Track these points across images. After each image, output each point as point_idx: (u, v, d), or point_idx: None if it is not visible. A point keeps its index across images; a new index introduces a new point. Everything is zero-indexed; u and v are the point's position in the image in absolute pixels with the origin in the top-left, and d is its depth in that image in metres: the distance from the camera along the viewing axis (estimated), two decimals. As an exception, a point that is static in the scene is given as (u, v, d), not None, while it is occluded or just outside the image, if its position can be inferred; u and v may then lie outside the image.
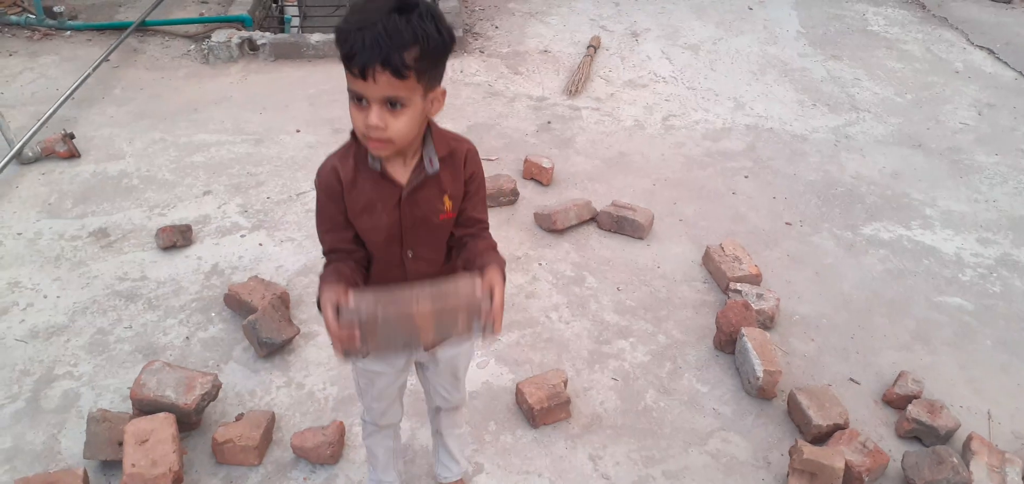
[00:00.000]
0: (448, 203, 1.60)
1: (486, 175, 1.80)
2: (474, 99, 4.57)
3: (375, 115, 1.40)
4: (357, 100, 1.42)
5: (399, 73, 1.35)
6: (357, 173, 1.55)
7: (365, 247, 1.62)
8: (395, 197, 1.56)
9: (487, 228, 1.70)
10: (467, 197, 1.64)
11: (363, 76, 1.35)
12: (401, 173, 1.56)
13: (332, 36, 4.93)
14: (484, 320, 1.45)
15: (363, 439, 2.08)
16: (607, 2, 6.19)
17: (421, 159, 1.56)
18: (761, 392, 2.56)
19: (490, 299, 1.46)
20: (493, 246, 1.65)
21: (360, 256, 1.62)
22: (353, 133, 1.53)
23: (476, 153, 1.64)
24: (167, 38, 5.17)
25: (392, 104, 1.40)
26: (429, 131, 1.55)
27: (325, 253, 1.64)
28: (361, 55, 1.34)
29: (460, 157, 1.60)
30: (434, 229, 1.63)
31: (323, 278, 1.55)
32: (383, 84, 1.36)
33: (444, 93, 1.51)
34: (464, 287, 1.47)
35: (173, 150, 3.88)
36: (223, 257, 3.15)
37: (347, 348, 1.43)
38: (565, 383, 2.51)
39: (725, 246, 3.19)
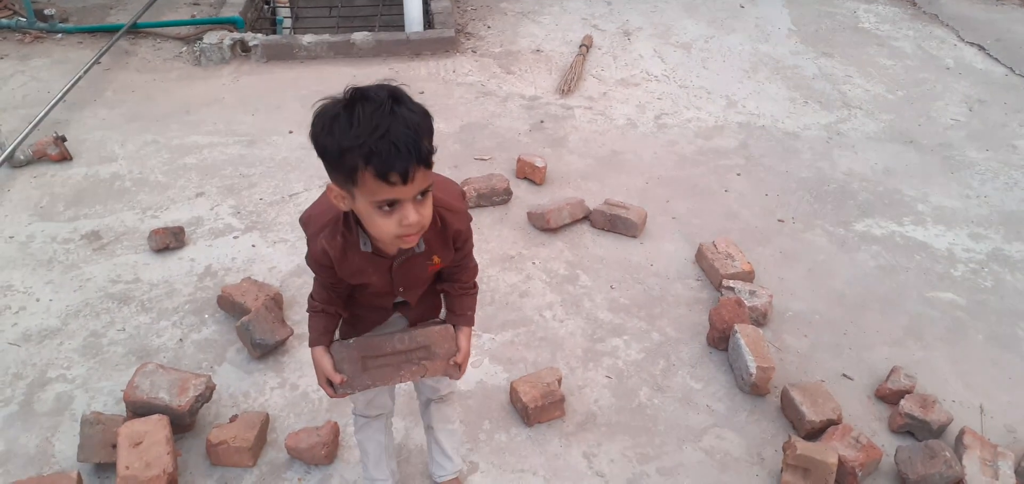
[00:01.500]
0: (437, 260, 1.66)
1: (478, 175, 1.85)
2: (467, 99, 4.58)
3: (413, 212, 1.39)
4: (385, 206, 1.38)
5: (429, 163, 1.37)
6: (346, 251, 1.57)
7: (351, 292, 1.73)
8: (386, 266, 1.61)
9: (471, 281, 1.79)
10: (456, 259, 1.71)
11: (404, 181, 1.33)
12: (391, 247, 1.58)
13: (325, 37, 4.98)
14: (452, 366, 1.79)
15: (355, 434, 2.08)
16: (599, 1, 6.20)
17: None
18: (754, 389, 2.57)
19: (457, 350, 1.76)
20: (471, 304, 1.80)
21: (342, 304, 1.75)
22: (345, 214, 1.53)
23: (468, 227, 1.68)
24: (159, 40, 5.15)
25: (421, 194, 1.41)
26: None
27: (312, 302, 1.75)
28: (400, 162, 1.31)
29: (449, 235, 1.63)
30: (423, 277, 1.71)
31: (312, 331, 1.74)
32: (419, 180, 1.37)
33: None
34: (439, 343, 1.77)
35: (165, 152, 3.87)
36: (216, 259, 3.15)
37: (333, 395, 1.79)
38: (559, 381, 2.51)
39: (718, 243, 3.20)
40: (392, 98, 1.33)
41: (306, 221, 1.64)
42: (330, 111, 1.35)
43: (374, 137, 1.29)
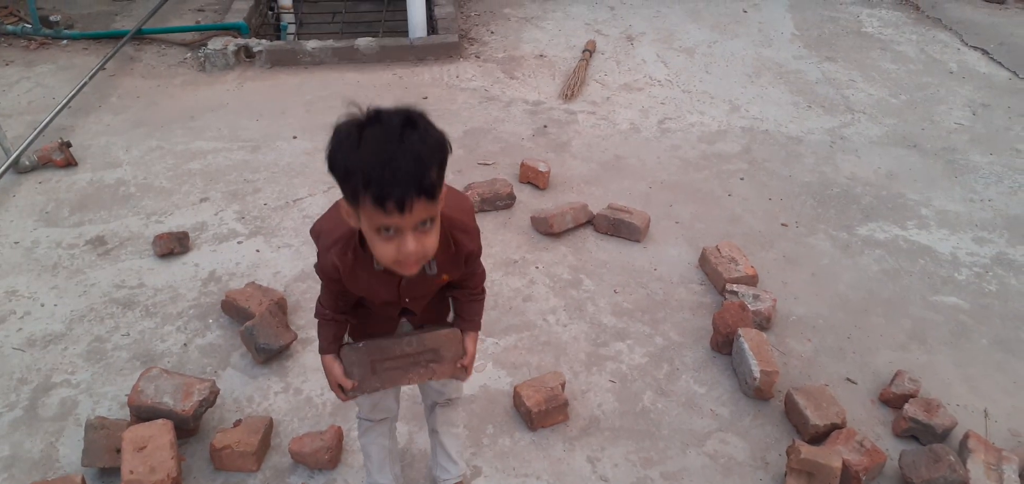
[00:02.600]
0: (446, 277, 1.67)
1: (481, 180, 1.86)
2: (470, 104, 4.59)
3: (412, 243, 1.36)
4: (384, 231, 1.37)
5: (433, 196, 1.34)
6: (356, 268, 1.57)
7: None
8: (395, 283, 1.61)
9: (479, 288, 1.80)
10: (464, 275, 1.72)
11: (401, 210, 1.30)
12: None
13: (329, 42, 4.99)
14: (459, 369, 1.81)
15: (359, 438, 2.08)
16: (602, 6, 6.21)
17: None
18: (758, 393, 2.57)
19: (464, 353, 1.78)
20: (479, 310, 1.82)
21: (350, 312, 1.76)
22: (358, 232, 1.51)
23: (479, 246, 1.67)
24: (163, 46, 5.18)
25: (422, 223, 1.38)
26: None
27: (321, 309, 1.75)
28: (395, 190, 1.28)
29: (462, 257, 1.63)
30: (431, 291, 1.73)
31: (322, 339, 1.76)
32: (419, 211, 1.33)
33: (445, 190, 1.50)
34: (446, 347, 1.79)
35: (170, 158, 3.89)
36: (220, 264, 3.16)
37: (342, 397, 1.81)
38: (563, 386, 2.51)
39: (721, 248, 3.20)
40: (405, 124, 1.31)
41: (317, 234, 1.64)
42: (345, 130, 1.34)
43: (376, 163, 1.28)
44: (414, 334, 1.79)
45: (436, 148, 1.34)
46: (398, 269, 1.44)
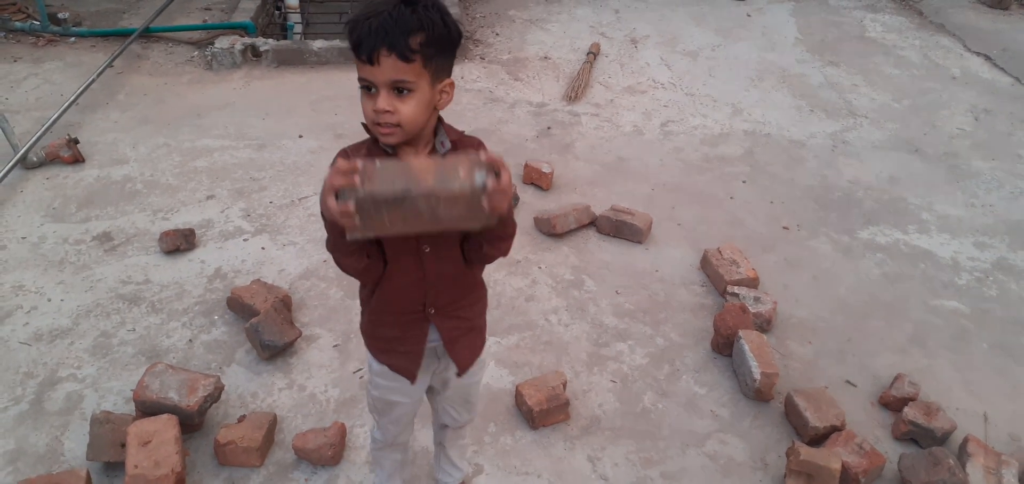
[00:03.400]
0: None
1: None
2: (475, 105, 4.61)
3: (383, 100, 1.42)
4: (366, 88, 1.44)
5: (404, 56, 1.38)
6: (368, 167, 1.54)
7: (380, 252, 1.58)
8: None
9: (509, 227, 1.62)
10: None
11: (370, 61, 1.39)
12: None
13: (336, 42, 5.02)
14: (488, 163, 1.36)
15: (371, 450, 2.09)
16: (607, 9, 6.23)
17: (433, 148, 1.55)
18: (758, 394, 2.59)
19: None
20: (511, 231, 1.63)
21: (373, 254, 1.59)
22: (368, 130, 1.53)
23: (510, 209, 1.57)
24: (171, 45, 5.21)
25: (400, 90, 1.42)
26: (440, 122, 1.56)
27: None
28: (367, 41, 1.38)
29: (472, 145, 1.59)
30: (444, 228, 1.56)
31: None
32: (388, 68, 1.39)
33: (453, 85, 1.52)
34: (464, 155, 1.40)
35: (177, 155, 3.91)
36: (226, 261, 3.18)
37: (343, 223, 1.35)
38: (564, 385, 2.53)
39: (723, 250, 3.21)
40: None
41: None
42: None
43: (361, 16, 1.40)
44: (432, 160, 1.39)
45: (427, 23, 1.40)
46: (377, 132, 1.46)
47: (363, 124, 1.52)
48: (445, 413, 1.98)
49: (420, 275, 1.61)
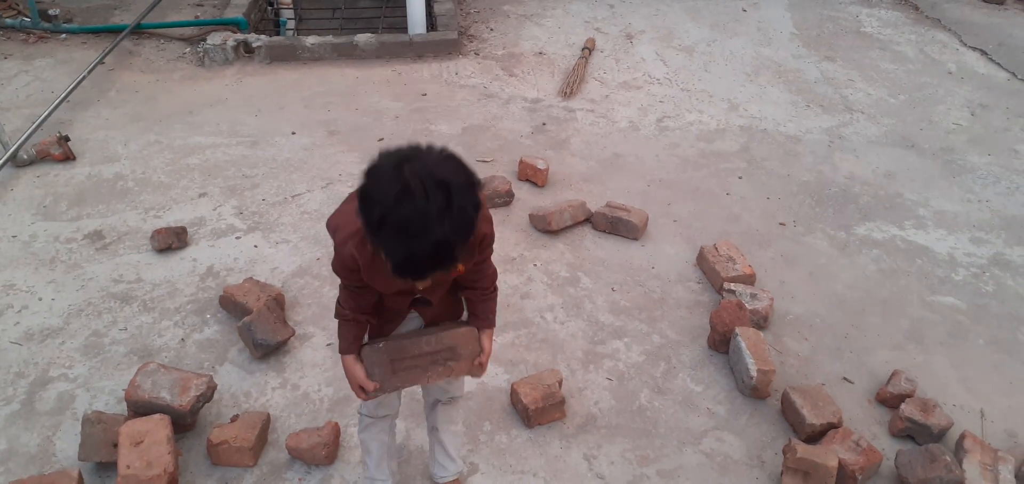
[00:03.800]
0: (461, 267, 1.63)
1: (481, 176, 1.84)
2: (469, 101, 4.58)
3: (422, 284, 1.56)
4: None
5: (452, 266, 1.42)
6: (375, 259, 1.57)
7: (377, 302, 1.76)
8: None
9: (491, 286, 1.82)
10: (477, 262, 1.72)
11: (416, 280, 1.47)
12: None
13: (329, 38, 4.99)
14: (476, 366, 1.85)
15: (358, 433, 2.08)
16: (602, 4, 6.21)
17: None
18: (755, 391, 2.58)
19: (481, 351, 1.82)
20: (492, 308, 1.85)
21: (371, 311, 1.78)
22: None
23: (492, 231, 1.68)
24: (162, 41, 5.17)
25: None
26: None
27: (341, 309, 1.76)
28: (412, 272, 1.40)
29: (476, 239, 1.61)
30: (446, 283, 1.76)
31: (343, 339, 1.78)
32: (436, 276, 1.48)
33: (483, 237, 1.65)
34: (463, 345, 1.83)
35: (168, 152, 3.88)
36: (218, 259, 3.15)
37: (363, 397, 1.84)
38: (560, 383, 2.52)
39: (719, 246, 3.20)
40: (444, 203, 1.32)
41: (334, 228, 1.63)
42: (382, 188, 1.35)
43: (399, 241, 1.34)
44: (432, 333, 1.81)
45: (464, 225, 1.37)
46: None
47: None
48: (434, 388, 2.02)
49: (407, 303, 1.80)
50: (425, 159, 1.37)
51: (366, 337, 1.82)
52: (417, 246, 1.33)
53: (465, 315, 1.89)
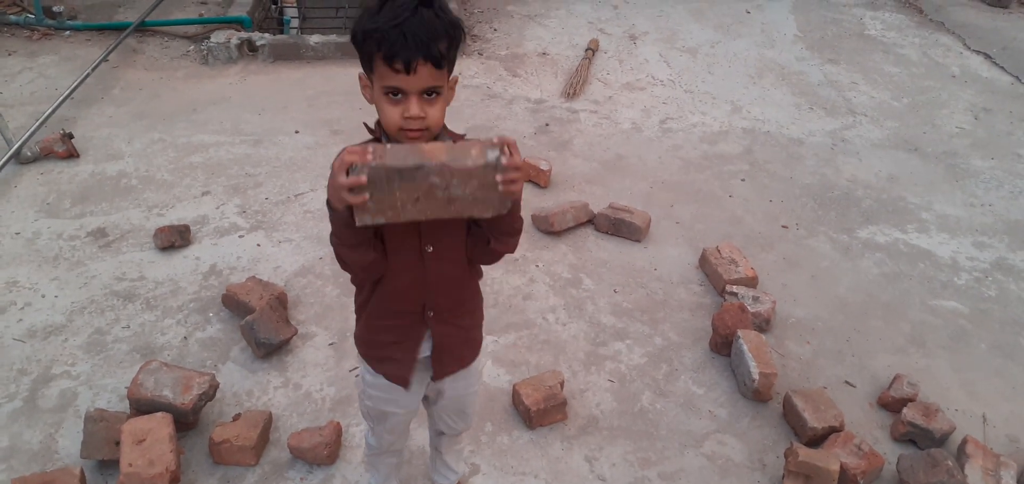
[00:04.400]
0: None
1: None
2: (472, 101, 4.58)
3: (416, 106, 1.42)
4: (391, 94, 1.44)
5: (438, 64, 1.41)
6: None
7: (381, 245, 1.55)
8: None
9: (516, 221, 1.60)
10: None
11: (407, 70, 1.39)
12: None
13: (333, 37, 4.99)
14: (499, 144, 1.36)
15: (365, 454, 2.08)
16: (605, 5, 6.20)
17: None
18: (757, 394, 2.57)
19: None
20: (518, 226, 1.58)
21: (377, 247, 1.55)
22: (372, 131, 1.55)
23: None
24: (166, 39, 5.18)
25: (428, 93, 1.44)
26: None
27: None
28: (404, 51, 1.38)
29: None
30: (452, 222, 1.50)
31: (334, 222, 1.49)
32: (424, 76, 1.41)
33: (457, 80, 1.55)
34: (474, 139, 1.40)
35: (172, 150, 3.89)
36: (221, 257, 3.16)
37: (354, 200, 1.33)
38: (562, 385, 2.52)
39: (721, 249, 3.20)
40: (421, 1, 1.40)
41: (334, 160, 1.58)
42: (370, 5, 1.44)
43: (389, 26, 1.38)
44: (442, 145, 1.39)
45: (447, 25, 1.43)
46: (403, 137, 1.46)
47: (367, 125, 1.55)
48: (440, 421, 1.97)
49: (421, 275, 1.59)
50: None
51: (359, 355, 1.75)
52: (407, 23, 1.37)
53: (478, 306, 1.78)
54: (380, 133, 1.52)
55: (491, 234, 1.54)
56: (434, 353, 1.70)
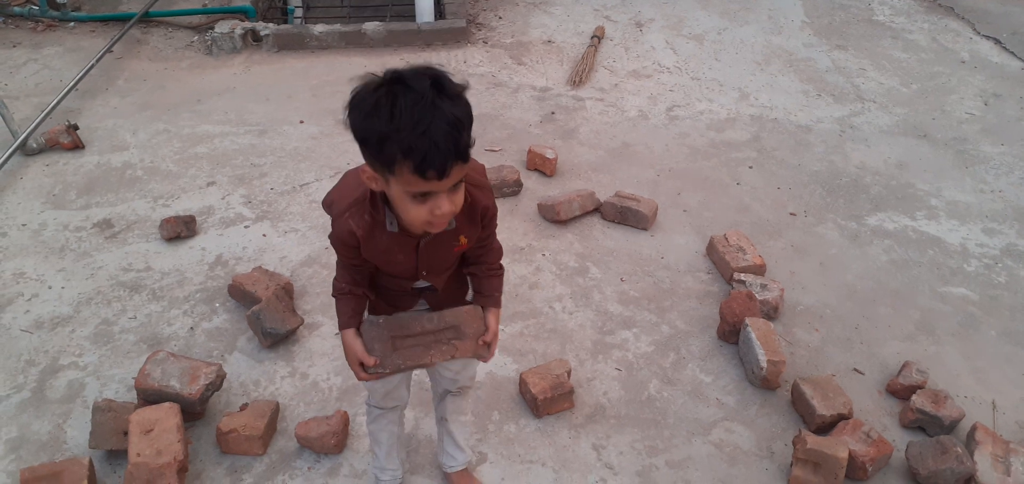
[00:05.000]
0: (464, 241, 1.64)
1: (489, 166, 1.84)
2: (478, 90, 4.57)
3: (447, 203, 1.40)
4: (419, 196, 1.38)
5: (467, 158, 1.37)
6: (372, 230, 1.56)
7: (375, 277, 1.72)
8: (412, 245, 1.60)
9: (496, 263, 1.78)
10: (481, 238, 1.68)
11: (441, 177, 1.33)
12: None
13: (337, 27, 4.97)
14: (482, 345, 1.76)
15: (367, 424, 2.08)
16: (611, -8, 6.16)
17: None
18: (765, 382, 2.56)
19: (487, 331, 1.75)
20: (498, 286, 1.80)
21: (367, 286, 1.74)
22: (371, 193, 1.52)
23: (494, 204, 1.66)
24: (170, 29, 5.17)
25: (455, 184, 1.40)
26: None
27: (338, 285, 1.71)
28: (437, 158, 1.30)
29: (477, 212, 1.61)
30: (449, 258, 1.69)
31: (341, 315, 1.71)
32: (455, 174, 1.36)
33: None
34: (468, 323, 1.76)
35: (177, 141, 3.89)
36: (227, 248, 3.16)
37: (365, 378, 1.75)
38: (568, 373, 2.51)
39: (729, 236, 3.18)
40: (434, 88, 1.31)
41: (330, 203, 1.62)
42: (370, 98, 1.34)
43: (415, 133, 1.29)
44: (435, 312, 1.76)
45: (466, 109, 1.37)
46: (429, 228, 1.47)
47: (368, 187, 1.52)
48: (443, 377, 2.00)
49: (412, 292, 1.78)
50: (394, 70, 1.36)
51: (366, 314, 1.78)
52: (432, 126, 1.29)
53: (470, 295, 1.86)
54: (378, 198, 1.52)
55: (478, 271, 1.79)
56: (431, 300, 1.81)
